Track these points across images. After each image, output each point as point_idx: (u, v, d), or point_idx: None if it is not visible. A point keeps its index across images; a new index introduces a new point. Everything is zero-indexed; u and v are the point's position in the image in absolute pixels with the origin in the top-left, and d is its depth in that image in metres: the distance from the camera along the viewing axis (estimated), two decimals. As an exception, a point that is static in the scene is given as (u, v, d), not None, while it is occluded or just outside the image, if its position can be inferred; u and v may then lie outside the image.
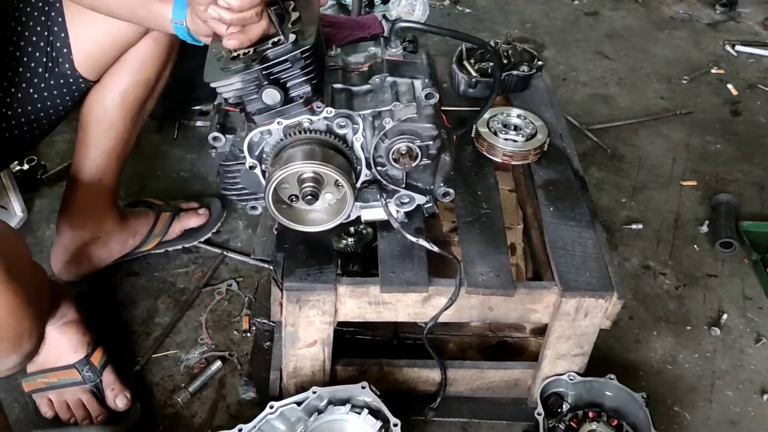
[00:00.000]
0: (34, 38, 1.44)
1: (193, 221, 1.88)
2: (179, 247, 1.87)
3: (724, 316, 1.79)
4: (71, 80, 1.50)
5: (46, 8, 1.44)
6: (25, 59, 1.44)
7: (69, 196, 1.69)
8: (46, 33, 1.44)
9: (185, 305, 1.75)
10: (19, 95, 1.46)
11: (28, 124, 1.50)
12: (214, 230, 1.92)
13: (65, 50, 1.47)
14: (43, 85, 1.48)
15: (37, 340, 1.18)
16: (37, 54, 1.45)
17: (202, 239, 1.89)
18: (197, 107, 2.28)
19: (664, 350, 1.72)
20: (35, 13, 1.44)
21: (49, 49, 1.45)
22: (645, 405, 1.40)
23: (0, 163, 1.63)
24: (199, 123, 2.29)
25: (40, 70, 1.46)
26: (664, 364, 1.69)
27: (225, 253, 1.88)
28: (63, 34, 1.45)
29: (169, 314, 1.73)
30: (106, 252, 1.76)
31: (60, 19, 1.44)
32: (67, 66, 1.48)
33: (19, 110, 1.47)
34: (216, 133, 1.25)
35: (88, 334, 1.50)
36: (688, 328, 1.77)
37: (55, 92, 1.50)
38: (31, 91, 1.47)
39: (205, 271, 1.83)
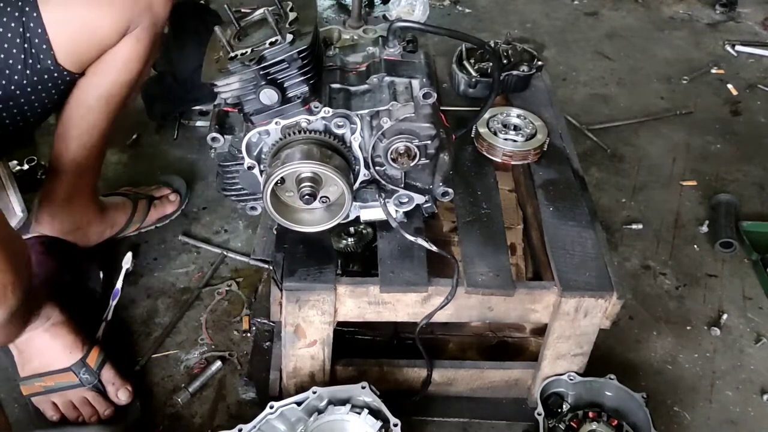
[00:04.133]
0: (9, 35, 1.42)
1: (168, 208, 1.94)
2: (153, 227, 1.93)
3: (724, 316, 1.79)
4: (56, 74, 1.49)
5: (20, 3, 1.43)
6: (2, 56, 1.43)
7: (50, 188, 1.69)
8: (21, 29, 1.42)
9: (185, 305, 1.75)
10: (0, 93, 1.45)
11: (13, 121, 1.49)
12: (183, 207, 1.98)
13: (44, 46, 1.45)
14: (25, 81, 1.46)
15: (21, 298, 1.18)
16: (14, 51, 1.43)
17: (173, 217, 1.95)
18: (197, 107, 2.28)
19: (664, 350, 1.72)
20: (8, 9, 1.43)
21: (26, 45, 1.43)
22: (645, 405, 1.40)
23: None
24: (199, 123, 2.29)
25: (20, 66, 1.44)
26: (664, 364, 1.69)
27: (225, 253, 1.88)
28: (40, 30, 1.43)
29: (169, 314, 1.73)
30: (83, 241, 1.78)
31: (35, 14, 1.43)
32: (49, 61, 1.47)
33: (0, 106, 1.47)
34: (215, 134, 1.26)
35: (80, 333, 1.49)
36: (688, 328, 1.77)
37: (40, 87, 1.49)
38: (13, 87, 1.46)
39: (205, 271, 1.83)
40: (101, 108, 1.58)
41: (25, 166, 2.04)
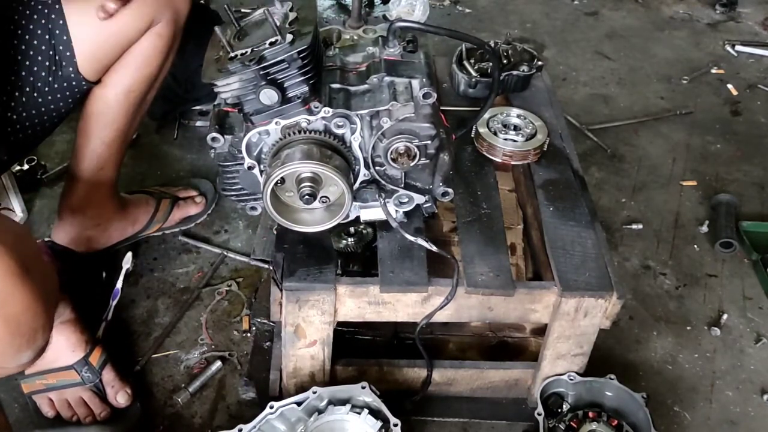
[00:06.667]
0: (35, 42, 1.44)
1: (192, 209, 1.94)
2: (177, 230, 1.92)
3: (724, 316, 1.79)
4: (74, 83, 1.51)
5: (46, 11, 1.44)
6: (28, 63, 1.45)
7: (71, 183, 1.71)
8: (47, 36, 1.44)
9: (185, 305, 1.75)
10: (24, 99, 1.46)
11: (32, 127, 1.51)
12: (209, 212, 1.97)
13: (68, 53, 1.47)
14: (47, 88, 1.48)
15: (49, 335, 1.18)
16: (40, 58, 1.45)
17: (199, 221, 1.95)
18: (197, 107, 2.28)
19: (664, 350, 1.72)
20: (35, 16, 1.44)
21: (52, 52, 1.46)
22: (645, 405, 1.40)
23: (2, 164, 1.63)
24: (199, 123, 2.29)
25: (44, 73, 1.47)
26: (664, 364, 1.69)
27: (225, 253, 1.88)
28: (65, 37, 1.46)
29: (169, 314, 1.73)
30: (105, 237, 1.79)
31: (61, 22, 1.45)
32: (70, 69, 1.49)
33: (24, 114, 1.48)
34: (214, 134, 1.26)
35: (85, 333, 1.50)
36: (688, 328, 1.77)
37: (59, 95, 1.50)
38: (35, 94, 1.47)
39: (205, 271, 1.84)
40: (120, 103, 1.59)
41: (25, 166, 2.04)
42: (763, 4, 3.20)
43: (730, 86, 2.67)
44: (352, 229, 1.45)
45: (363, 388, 1.32)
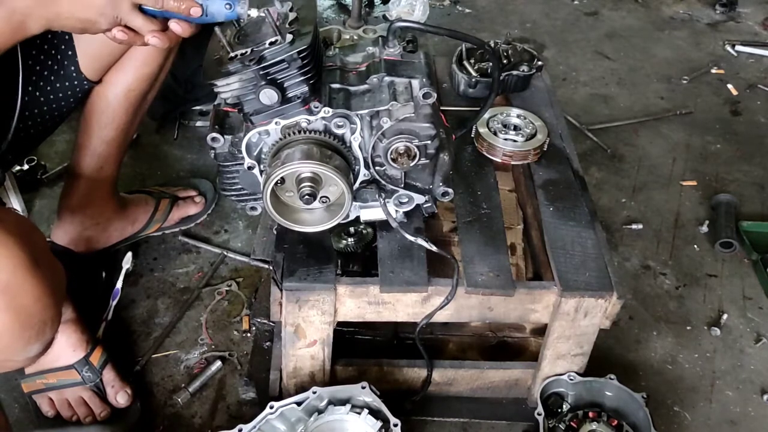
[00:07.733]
0: (38, 41, 1.44)
1: (192, 209, 1.94)
2: (177, 230, 1.92)
3: (724, 316, 1.79)
4: (76, 82, 1.51)
5: None
6: (30, 62, 1.45)
7: (71, 182, 1.71)
8: (49, 35, 1.44)
9: (185, 305, 1.75)
10: (26, 98, 1.47)
11: (34, 126, 1.51)
12: (209, 212, 1.97)
13: (70, 53, 1.47)
14: (49, 87, 1.48)
15: (57, 329, 1.18)
16: (42, 57, 1.45)
17: (199, 221, 1.95)
18: (197, 107, 2.28)
19: (664, 350, 1.72)
20: None
21: (54, 51, 1.46)
22: (645, 405, 1.40)
23: (3, 164, 1.64)
24: (199, 123, 2.29)
25: (46, 72, 1.47)
26: (664, 364, 1.69)
27: (225, 253, 1.88)
28: (67, 37, 1.46)
29: (169, 314, 1.73)
30: (104, 237, 1.79)
31: None
32: (72, 68, 1.49)
33: (26, 113, 1.48)
34: (214, 134, 1.26)
35: (86, 332, 1.50)
36: (688, 328, 1.77)
37: (60, 94, 1.51)
38: (38, 93, 1.48)
39: (205, 271, 1.84)
40: (120, 102, 1.60)
41: (25, 166, 2.04)
42: (763, 4, 3.20)
43: (730, 86, 2.67)
44: (352, 229, 1.45)
45: (363, 388, 1.33)
